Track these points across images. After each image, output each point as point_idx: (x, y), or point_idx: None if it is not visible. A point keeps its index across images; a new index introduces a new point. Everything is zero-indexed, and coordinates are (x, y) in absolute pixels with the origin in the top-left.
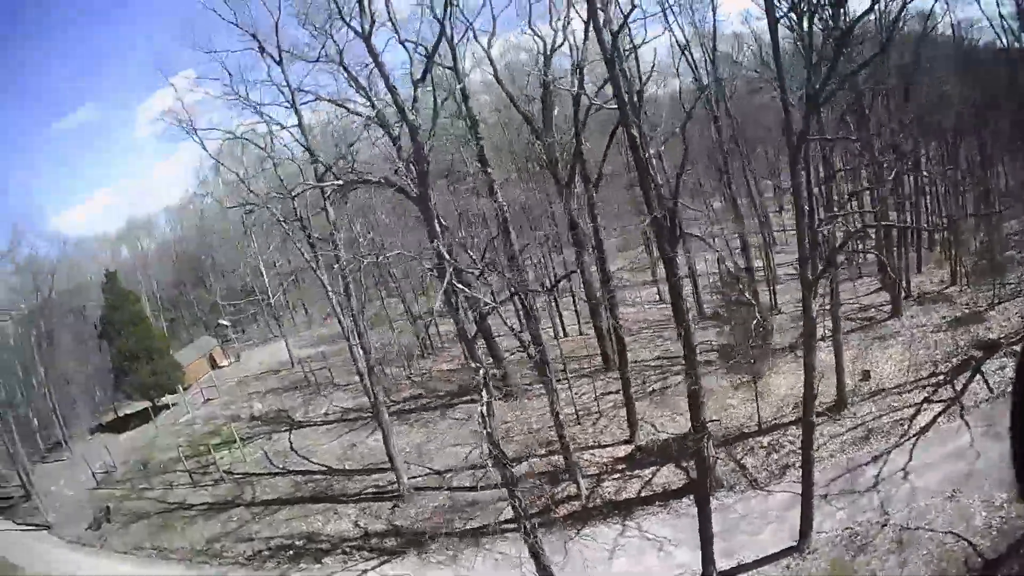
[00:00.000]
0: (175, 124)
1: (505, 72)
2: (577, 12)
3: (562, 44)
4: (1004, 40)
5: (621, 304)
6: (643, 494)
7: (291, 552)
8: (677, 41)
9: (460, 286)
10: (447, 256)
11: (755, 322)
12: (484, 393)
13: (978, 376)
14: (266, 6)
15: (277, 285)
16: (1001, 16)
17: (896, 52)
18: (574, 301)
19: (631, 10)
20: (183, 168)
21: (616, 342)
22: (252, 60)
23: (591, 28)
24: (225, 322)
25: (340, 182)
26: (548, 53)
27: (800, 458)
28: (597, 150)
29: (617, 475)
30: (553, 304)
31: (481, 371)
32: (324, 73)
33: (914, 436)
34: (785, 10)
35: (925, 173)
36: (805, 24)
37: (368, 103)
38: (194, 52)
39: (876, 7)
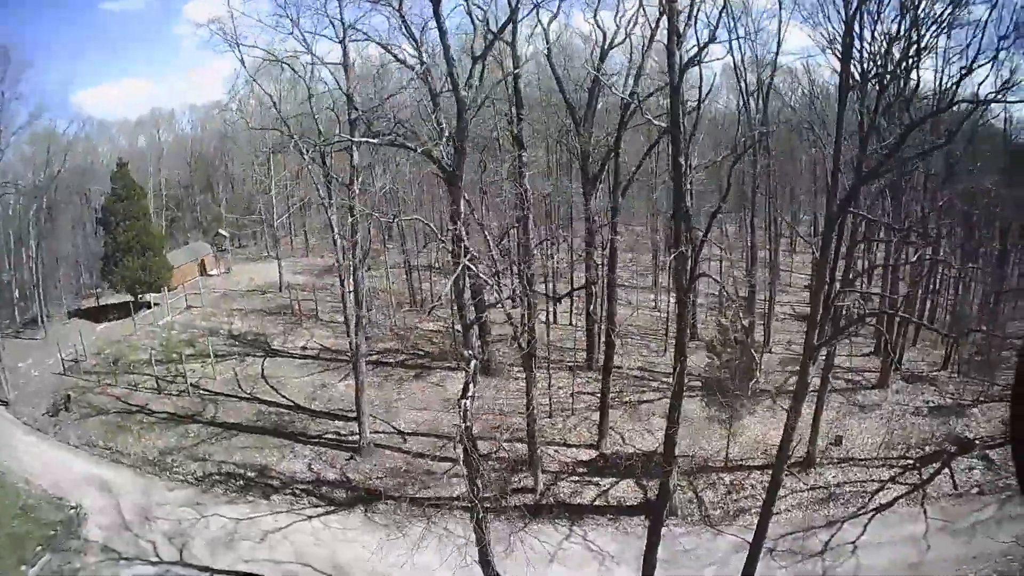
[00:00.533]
0: (219, 34)
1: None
2: (647, 19)
3: (622, 42)
4: None
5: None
6: (596, 503)
7: (241, 482)
8: (739, 81)
9: (472, 267)
10: (466, 242)
11: (752, 382)
12: (471, 386)
13: (946, 470)
14: None
15: (283, 208)
16: None
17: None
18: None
19: (707, 43)
20: (215, 76)
21: (605, 352)
22: None
23: (655, 39)
24: (224, 232)
25: (377, 141)
26: (605, 48)
27: (757, 504)
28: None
29: (576, 478)
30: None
31: (472, 363)
32: (377, 15)
33: (872, 512)
34: (858, 79)
35: (943, 259)
36: (872, 98)
37: (418, 59)
38: None
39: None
